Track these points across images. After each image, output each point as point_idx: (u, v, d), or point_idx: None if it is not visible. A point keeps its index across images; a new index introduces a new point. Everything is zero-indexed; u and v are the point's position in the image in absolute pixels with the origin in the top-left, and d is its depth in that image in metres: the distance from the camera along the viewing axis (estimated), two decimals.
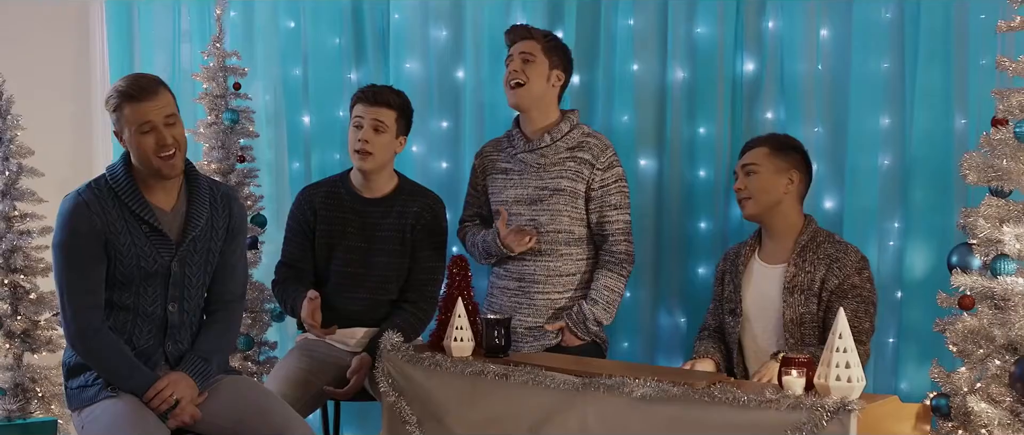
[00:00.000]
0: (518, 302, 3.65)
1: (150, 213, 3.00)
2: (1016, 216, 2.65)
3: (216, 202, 3.13)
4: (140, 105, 2.94)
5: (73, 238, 2.96)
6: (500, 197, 3.68)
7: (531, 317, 3.64)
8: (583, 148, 3.60)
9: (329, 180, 3.74)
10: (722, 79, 3.85)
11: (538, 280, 3.62)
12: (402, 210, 3.61)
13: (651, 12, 3.94)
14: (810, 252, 3.28)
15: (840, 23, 3.70)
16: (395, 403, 3.22)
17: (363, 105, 3.56)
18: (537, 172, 3.61)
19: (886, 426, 2.66)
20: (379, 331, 3.47)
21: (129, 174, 3.02)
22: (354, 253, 3.60)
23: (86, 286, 2.98)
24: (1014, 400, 2.60)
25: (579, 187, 3.58)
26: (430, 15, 4.20)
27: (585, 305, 3.58)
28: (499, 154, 3.73)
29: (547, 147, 3.61)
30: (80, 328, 2.99)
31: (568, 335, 3.60)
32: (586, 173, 3.58)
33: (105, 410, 2.96)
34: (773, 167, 3.32)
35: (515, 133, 3.69)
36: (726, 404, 2.66)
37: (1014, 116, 2.65)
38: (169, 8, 4.41)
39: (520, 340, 3.63)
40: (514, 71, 3.57)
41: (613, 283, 3.59)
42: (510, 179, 3.67)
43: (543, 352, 3.57)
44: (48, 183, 3.74)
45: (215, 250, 3.13)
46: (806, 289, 3.24)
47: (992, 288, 2.64)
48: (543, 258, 3.62)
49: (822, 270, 3.24)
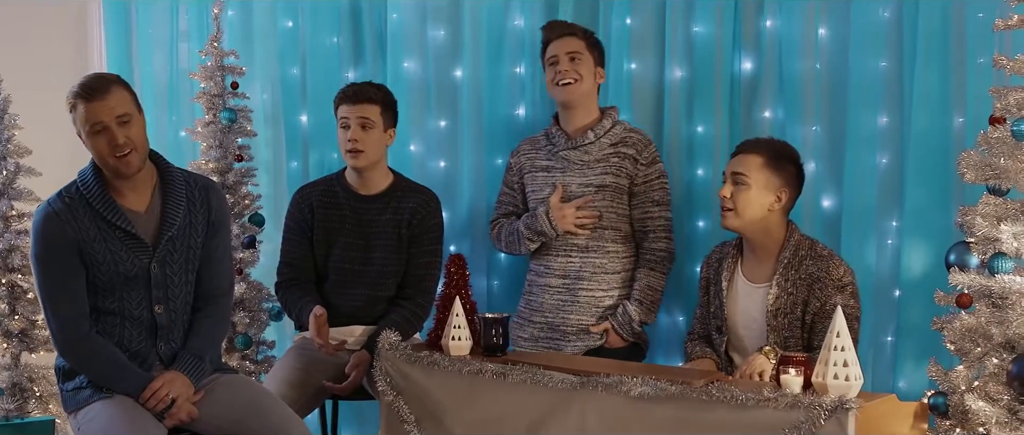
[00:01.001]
0: (562, 300, 3.64)
1: (123, 218, 2.96)
2: (1014, 214, 2.65)
3: (194, 197, 3.09)
4: (90, 105, 2.91)
5: (48, 250, 2.94)
6: (542, 195, 3.67)
7: (574, 315, 3.62)
8: (626, 143, 3.60)
9: (325, 179, 3.75)
10: (720, 78, 3.85)
11: (584, 277, 3.61)
12: (398, 206, 3.62)
13: (649, 11, 3.94)
14: (792, 270, 3.22)
15: (838, 22, 3.69)
16: (393, 402, 3.22)
17: (347, 105, 3.57)
18: (581, 169, 3.61)
19: (884, 425, 2.66)
20: (377, 329, 3.47)
21: (99, 178, 2.98)
22: (352, 250, 3.61)
23: (68, 296, 2.95)
24: (1012, 398, 2.60)
25: (623, 183, 3.58)
26: (428, 15, 4.19)
27: (630, 306, 3.57)
28: (538, 152, 3.72)
29: (591, 144, 3.61)
30: (67, 339, 2.98)
31: (613, 336, 3.59)
32: (630, 168, 3.58)
33: (101, 411, 2.95)
34: (763, 181, 3.24)
35: (555, 131, 3.68)
36: (724, 403, 2.66)
37: (1012, 114, 2.65)
38: (167, 7, 4.41)
39: (563, 340, 3.62)
40: (565, 71, 3.57)
41: (656, 282, 3.60)
42: (552, 176, 3.66)
43: (585, 354, 3.56)
44: (45, 182, 3.73)
45: (196, 246, 3.09)
46: (789, 313, 3.20)
47: (990, 286, 2.64)
48: (590, 255, 3.60)
49: (804, 292, 3.19)
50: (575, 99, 3.60)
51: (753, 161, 3.25)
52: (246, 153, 4.07)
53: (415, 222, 3.62)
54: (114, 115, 2.92)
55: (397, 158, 4.22)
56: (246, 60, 4.21)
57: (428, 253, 3.64)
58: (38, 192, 3.73)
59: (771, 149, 3.29)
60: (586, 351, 3.60)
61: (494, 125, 4.12)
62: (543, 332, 3.68)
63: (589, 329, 3.61)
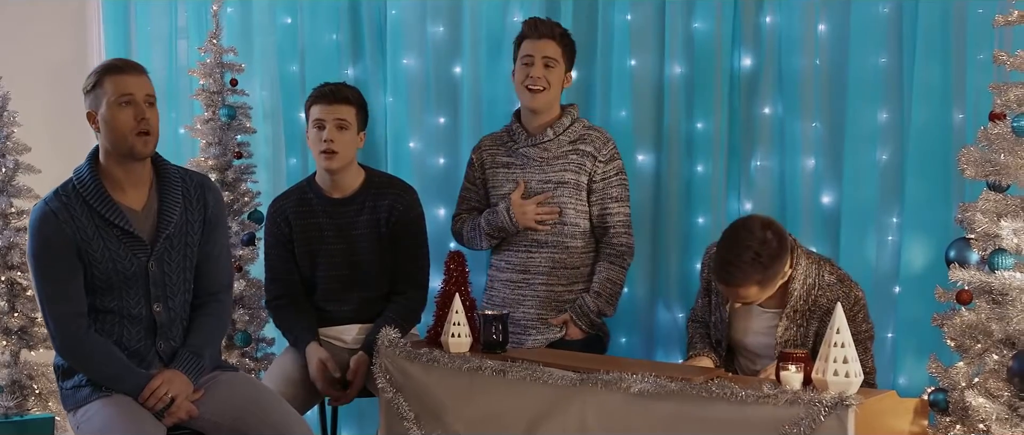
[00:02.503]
0: (521, 294, 3.65)
1: (120, 216, 2.95)
2: (1014, 210, 2.65)
3: (190, 194, 3.07)
4: (122, 77, 2.92)
5: (45, 249, 2.92)
6: (503, 191, 3.69)
7: (534, 309, 3.64)
8: (585, 141, 3.61)
9: (296, 188, 3.71)
10: (720, 74, 3.85)
11: (542, 272, 3.63)
12: (374, 205, 3.59)
13: (648, 7, 3.94)
14: (802, 302, 3.15)
15: (838, 18, 3.69)
16: (393, 399, 3.22)
17: (322, 105, 3.54)
18: (540, 166, 3.63)
19: (884, 421, 2.66)
20: (374, 327, 3.47)
21: (96, 176, 2.96)
22: (337, 256, 3.59)
23: (65, 295, 2.94)
24: (1012, 394, 2.60)
25: (582, 179, 3.60)
26: (427, 11, 4.19)
27: (588, 298, 3.59)
28: (499, 148, 3.74)
29: (550, 141, 3.63)
30: (65, 338, 2.96)
31: (572, 328, 3.61)
32: (588, 165, 3.59)
33: (99, 410, 2.94)
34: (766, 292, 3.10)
35: (516, 127, 3.70)
36: (724, 400, 2.66)
37: (1012, 110, 2.64)
38: (166, 4, 4.40)
39: (523, 333, 3.63)
40: (536, 78, 3.57)
41: (615, 275, 3.61)
42: (512, 173, 3.68)
43: (546, 347, 3.58)
44: (44, 180, 3.72)
45: (194, 244, 3.07)
46: (800, 344, 3.17)
47: (990, 283, 2.64)
48: (547, 250, 3.63)
49: (815, 324, 3.16)
50: (540, 106, 3.61)
51: (750, 290, 3.07)
52: (245, 150, 4.07)
53: (393, 219, 3.59)
54: (143, 92, 2.95)
55: (396, 155, 4.22)
56: (245, 57, 4.20)
57: (413, 246, 3.63)
58: (37, 189, 3.73)
59: (762, 268, 3.02)
60: (547, 344, 3.62)
61: (493, 121, 4.12)
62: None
63: (549, 321, 3.62)
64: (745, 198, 3.90)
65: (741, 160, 3.89)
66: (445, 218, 4.14)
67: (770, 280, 3.07)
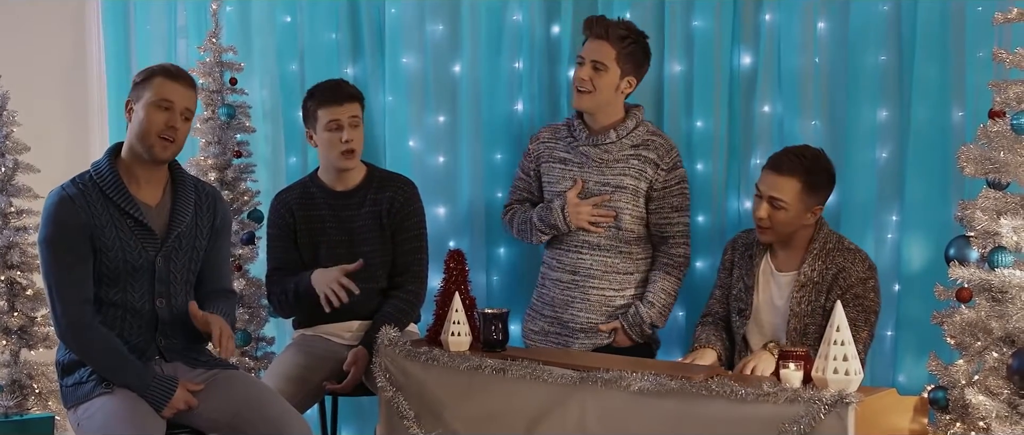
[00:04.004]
0: (571, 296, 3.63)
1: (135, 207, 3.01)
2: (1013, 208, 2.65)
3: (201, 201, 3.15)
4: (172, 84, 3.02)
5: (59, 233, 2.96)
6: (557, 188, 3.63)
7: (584, 313, 3.61)
8: (648, 147, 3.56)
9: (299, 183, 3.75)
10: (719, 72, 3.84)
11: (594, 275, 3.59)
12: (376, 198, 3.61)
13: (648, 6, 3.93)
14: (820, 261, 3.25)
15: (837, 16, 3.69)
16: (392, 398, 3.22)
17: (334, 107, 3.54)
18: (599, 167, 3.57)
19: (884, 419, 2.66)
20: (373, 323, 3.47)
21: (114, 169, 3.03)
22: (338, 248, 3.61)
23: (75, 281, 2.97)
24: (1012, 392, 2.60)
25: (642, 186, 3.55)
26: (427, 10, 4.18)
27: (642, 307, 3.55)
28: (558, 142, 3.68)
29: (611, 143, 3.57)
30: (70, 323, 2.99)
31: (621, 336, 3.58)
32: (649, 172, 3.55)
33: (101, 406, 2.96)
34: (802, 206, 3.22)
35: (577, 124, 3.63)
36: (724, 398, 2.67)
37: (1011, 108, 2.64)
38: (165, 4, 4.40)
39: (570, 336, 3.61)
40: (582, 79, 3.52)
41: (670, 286, 3.58)
42: (569, 170, 3.62)
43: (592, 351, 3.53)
44: (44, 179, 3.72)
45: (200, 248, 3.13)
46: (813, 301, 3.22)
47: (990, 280, 2.64)
48: (601, 253, 3.58)
49: (829, 281, 3.22)
50: (588, 107, 3.56)
51: (790, 186, 3.21)
52: (245, 149, 4.07)
53: (394, 211, 3.61)
54: (184, 104, 3.03)
55: (396, 153, 4.22)
56: (244, 56, 4.20)
57: (412, 239, 3.64)
58: (37, 189, 3.73)
59: (807, 171, 3.22)
60: (593, 349, 3.58)
61: (493, 120, 4.12)
62: (552, 326, 3.67)
63: (598, 327, 3.60)
64: (745, 197, 3.89)
65: (741, 158, 3.89)
66: (444, 217, 4.14)
67: (808, 190, 3.20)
